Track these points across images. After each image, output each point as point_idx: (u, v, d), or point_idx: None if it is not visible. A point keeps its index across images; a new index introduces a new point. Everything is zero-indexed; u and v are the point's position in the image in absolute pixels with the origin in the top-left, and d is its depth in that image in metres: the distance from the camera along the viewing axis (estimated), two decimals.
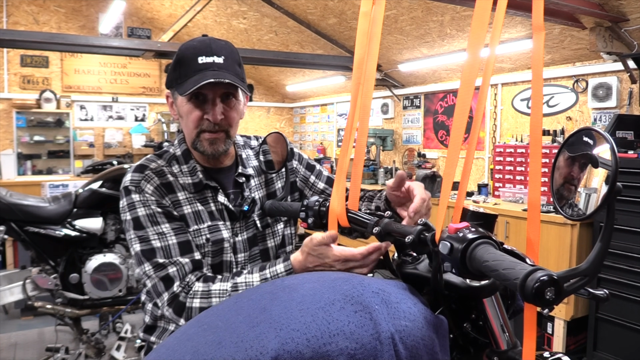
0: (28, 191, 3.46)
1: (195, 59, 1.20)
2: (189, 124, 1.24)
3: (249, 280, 1.13)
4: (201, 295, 1.14)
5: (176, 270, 1.17)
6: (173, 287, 1.16)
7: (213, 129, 1.23)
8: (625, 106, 3.67)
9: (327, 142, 7.52)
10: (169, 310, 1.16)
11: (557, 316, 3.26)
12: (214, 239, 1.26)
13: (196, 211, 1.26)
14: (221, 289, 1.13)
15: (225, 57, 1.22)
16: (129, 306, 2.92)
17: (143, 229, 1.19)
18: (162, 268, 1.17)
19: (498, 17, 0.84)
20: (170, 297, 1.16)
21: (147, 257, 1.18)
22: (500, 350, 0.85)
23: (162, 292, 1.17)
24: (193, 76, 1.19)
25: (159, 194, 1.23)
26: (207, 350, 0.71)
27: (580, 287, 0.68)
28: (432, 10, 4.06)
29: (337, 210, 1.03)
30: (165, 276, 1.17)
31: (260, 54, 5.02)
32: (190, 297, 1.14)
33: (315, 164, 1.51)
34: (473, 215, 0.87)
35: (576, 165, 0.80)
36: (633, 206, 2.92)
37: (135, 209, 1.20)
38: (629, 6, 3.14)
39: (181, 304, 1.15)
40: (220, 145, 1.25)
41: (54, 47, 4.41)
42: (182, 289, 1.16)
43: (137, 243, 1.20)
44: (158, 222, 1.20)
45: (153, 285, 1.18)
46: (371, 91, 1.01)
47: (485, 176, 4.83)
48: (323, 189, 1.48)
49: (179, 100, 1.25)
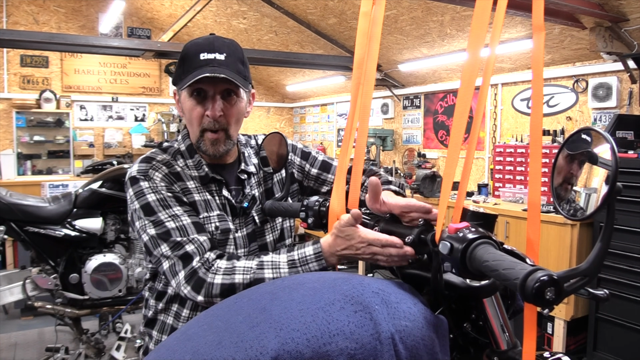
0: (28, 191, 3.46)
1: (197, 55, 1.21)
2: (192, 121, 1.26)
3: (275, 259, 1.11)
4: (224, 272, 1.11)
5: (195, 248, 1.15)
6: (192, 263, 1.13)
7: (214, 128, 1.24)
8: (625, 106, 3.67)
9: (327, 142, 7.52)
10: (187, 288, 1.12)
11: (557, 316, 3.26)
12: (223, 227, 1.27)
13: (205, 200, 1.27)
14: (246, 266, 1.11)
15: (228, 54, 1.22)
16: (129, 306, 2.92)
17: (155, 214, 1.18)
18: (180, 247, 1.15)
19: (498, 17, 0.84)
20: (188, 273, 1.12)
21: (163, 238, 1.16)
22: (500, 350, 0.85)
23: (180, 270, 1.13)
24: (193, 72, 1.20)
25: (168, 180, 1.23)
26: (207, 350, 0.71)
27: (580, 287, 0.68)
28: (432, 10, 4.06)
29: (337, 210, 1.03)
30: (184, 254, 1.14)
31: (260, 54, 5.02)
32: (212, 273, 1.11)
33: (310, 151, 1.49)
34: (473, 215, 0.87)
35: (576, 166, 0.80)
36: (633, 206, 2.92)
37: (145, 195, 1.20)
38: (629, 6, 3.14)
39: (201, 280, 1.11)
40: (220, 145, 1.26)
41: (53, 47, 4.41)
42: (202, 265, 1.13)
43: (150, 228, 1.18)
44: (170, 205, 1.19)
45: (171, 266, 1.15)
46: (371, 91, 1.00)
47: (485, 176, 4.83)
48: (317, 175, 1.46)
49: (182, 96, 1.26)
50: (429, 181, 4.43)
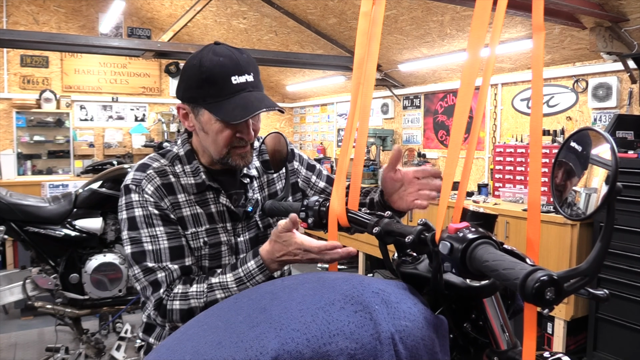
0: (28, 191, 3.45)
1: (228, 79, 1.16)
2: (218, 142, 1.22)
3: (223, 280, 1.17)
4: (180, 297, 1.17)
5: (165, 276, 1.20)
6: (160, 291, 1.19)
7: (244, 145, 1.24)
8: (625, 106, 3.67)
9: (327, 142, 7.52)
10: (156, 313, 1.19)
11: (557, 316, 3.26)
12: (212, 242, 1.28)
13: (195, 214, 1.27)
14: (198, 290, 1.17)
15: (254, 73, 1.21)
16: (129, 306, 2.92)
17: (137, 230, 1.21)
18: (151, 272, 1.20)
19: (498, 17, 0.84)
20: (156, 301, 1.19)
21: (137, 260, 1.20)
22: (500, 350, 0.85)
23: (150, 295, 1.20)
24: (229, 98, 1.16)
25: (159, 195, 1.23)
26: (207, 350, 0.71)
27: (580, 287, 0.68)
28: (432, 10, 4.06)
29: (337, 210, 1.03)
30: (154, 281, 1.19)
31: (260, 54, 5.02)
32: (170, 300, 1.17)
33: (315, 164, 1.52)
34: (473, 215, 0.87)
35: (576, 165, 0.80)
36: (633, 206, 2.92)
37: (133, 208, 1.22)
38: (629, 6, 3.14)
39: (165, 307, 1.18)
40: (249, 157, 1.27)
41: (54, 47, 4.41)
42: (168, 295, 1.19)
43: (128, 245, 1.22)
44: (153, 224, 1.21)
45: (142, 289, 1.21)
46: (371, 91, 1.01)
47: (485, 176, 4.83)
48: (323, 188, 1.49)
49: (206, 117, 1.20)
50: None
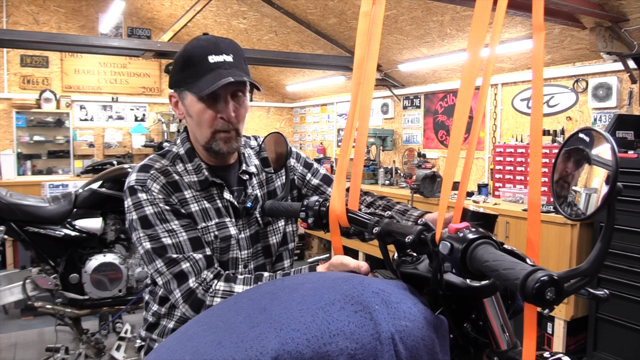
0: (28, 191, 3.46)
1: (205, 58, 1.19)
2: (202, 124, 1.23)
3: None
4: (222, 295, 1.14)
5: (190, 266, 1.17)
6: (188, 282, 1.16)
7: (227, 128, 1.24)
8: (625, 106, 3.67)
9: (327, 142, 7.52)
10: (186, 307, 1.16)
11: (557, 316, 3.26)
12: (222, 235, 1.27)
13: (203, 209, 1.26)
14: (244, 289, 1.13)
15: (234, 55, 1.22)
16: (129, 306, 2.92)
17: (152, 227, 1.19)
18: (175, 264, 1.17)
19: (498, 17, 0.84)
20: (186, 293, 1.15)
21: (158, 253, 1.17)
22: (500, 350, 0.85)
23: (175, 289, 1.16)
24: (205, 75, 1.18)
25: (166, 192, 1.23)
26: (207, 350, 0.70)
27: (580, 287, 0.67)
28: (432, 10, 4.06)
29: (337, 210, 1.03)
30: (179, 272, 1.16)
31: (260, 54, 5.02)
32: (211, 296, 1.14)
33: (313, 163, 1.52)
34: (473, 215, 0.87)
35: (576, 166, 0.80)
36: (633, 206, 2.92)
37: (143, 207, 1.20)
38: (629, 6, 3.14)
39: (200, 301, 1.15)
40: (233, 143, 1.26)
41: (54, 47, 4.41)
42: (200, 285, 1.15)
43: (146, 241, 1.18)
44: (167, 219, 1.20)
45: (165, 282, 1.17)
46: (371, 91, 1.00)
47: (485, 176, 4.83)
48: (317, 186, 1.47)
49: (189, 99, 1.23)
50: (429, 181, 4.43)
